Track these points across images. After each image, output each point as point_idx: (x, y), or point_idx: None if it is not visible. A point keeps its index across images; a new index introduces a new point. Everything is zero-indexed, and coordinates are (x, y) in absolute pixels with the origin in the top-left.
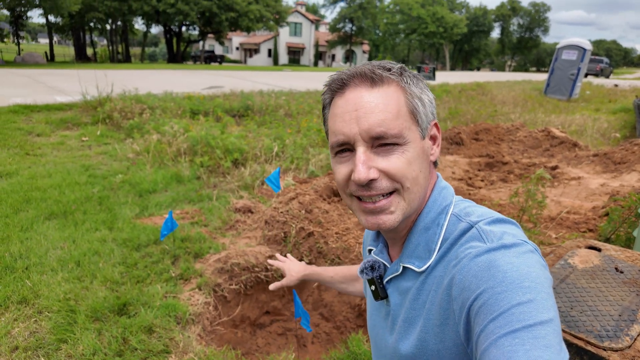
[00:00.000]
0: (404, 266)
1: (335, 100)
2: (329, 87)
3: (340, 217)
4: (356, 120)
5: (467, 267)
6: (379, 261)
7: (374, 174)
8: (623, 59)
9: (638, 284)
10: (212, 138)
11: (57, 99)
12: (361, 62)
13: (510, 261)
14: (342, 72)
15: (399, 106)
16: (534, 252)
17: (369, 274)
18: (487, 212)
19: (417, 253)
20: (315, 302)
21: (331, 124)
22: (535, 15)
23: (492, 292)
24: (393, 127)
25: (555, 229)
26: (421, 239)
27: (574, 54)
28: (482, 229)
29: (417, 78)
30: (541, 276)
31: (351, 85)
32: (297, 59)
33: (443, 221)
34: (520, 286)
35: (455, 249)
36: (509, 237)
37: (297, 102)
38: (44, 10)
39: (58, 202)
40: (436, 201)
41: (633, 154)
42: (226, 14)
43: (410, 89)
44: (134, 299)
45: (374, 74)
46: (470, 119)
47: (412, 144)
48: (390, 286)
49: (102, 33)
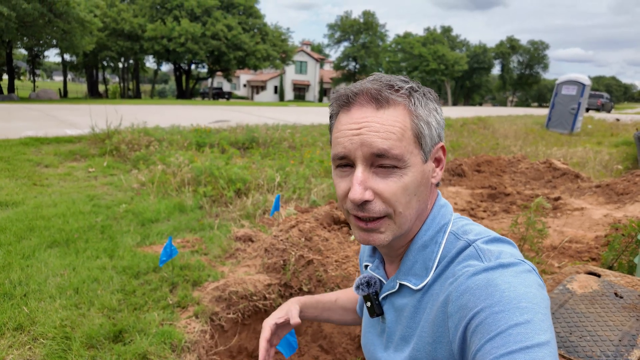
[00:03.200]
0: (400, 283)
1: (340, 115)
2: (335, 101)
3: (340, 245)
4: (359, 137)
5: (464, 285)
6: (375, 277)
7: (369, 196)
8: (624, 94)
9: (638, 309)
10: (216, 168)
11: (67, 132)
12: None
13: (508, 280)
14: (349, 88)
15: (404, 129)
16: (531, 271)
17: (364, 290)
18: (485, 231)
19: (415, 271)
20: (314, 334)
21: (335, 136)
22: (534, 53)
23: (490, 312)
24: (395, 149)
25: (557, 258)
26: (419, 256)
27: (573, 89)
28: (480, 247)
29: (427, 98)
30: (538, 296)
31: (357, 104)
32: (303, 95)
33: (441, 239)
34: (518, 307)
35: (452, 267)
36: (507, 256)
37: (301, 135)
38: (60, 50)
39: (61, 231)
40: (435, 219)
41: (635, 185)
42: (234, 53)
43: (418, 111)
44: (130, 326)
45: (380, 96)
46: (472, 152)
47: (411, 168)
48: (386, 303)
49: (114, 71)
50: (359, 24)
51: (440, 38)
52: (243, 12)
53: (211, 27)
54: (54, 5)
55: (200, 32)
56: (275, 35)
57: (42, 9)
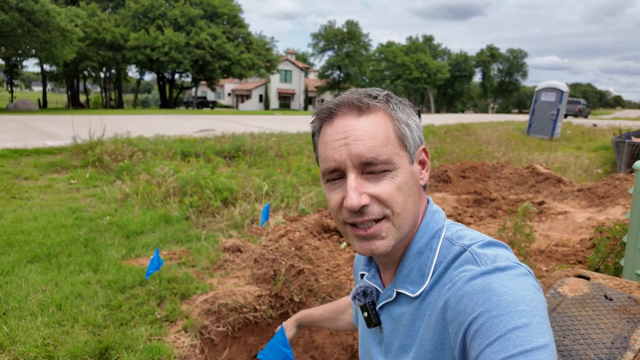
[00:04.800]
0: (397, 291)
1: (324, 129)
2: (317, 116)
3: (331, 253)
4: (346, 147)
5: (462, 290)
6: (371, 286)
7: (366, 200)
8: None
9: (628, 311)
10: (202, 178)
11: (48, 143)
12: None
13: (505, 284)
14: (329, 102)
15: (387, 133)
16: (527, 274)
17: (361, 300)
18: (479, 236)
19: (411, 278)
20: (306, 345)
21: (321, 151)
22: (513, 61)
23: (488, 316)
24: (382, 153)
25: (545, 262)
26: (415, 263)
27: (552, 95)
28: (476, 252)
29: (403, 104)
30: (535, 299)
31: (339, 114)
32: (288, 103)
33: (436, 245)
34: (516, 310)
35: (449, 273)
36: (503, 259)
37: (287, 143)
38: (39, 60)
39: (42, 245)
40: (428, 225)
41: (615, 188)
42: (219, 62)
43: (397, 115)
44: (117, 342)
45: (361, 103)
46: (456, 158)
47: (401, 169)
48: (383, 312)
49: (96, 80)
50: (342, 34)
51: (422, 47)
52: (227, 21)
53: (195, 37)
54: (33, 15)
55: (185, 42)
56: (259, 44)
57: (20, 18)
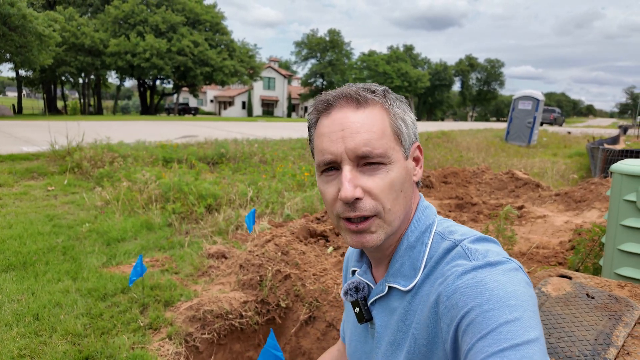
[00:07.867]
0: (389, 286)
1: (321, 120)
2: (314, 108)
3: (318, 258)
4: (342, 139)
5: (453, 285)
6: (363, 282)
7: (359, 193)
8: (573, 109)
9: (609, 308)
10: (185, 184)
11: (24, 149)
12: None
13: (497, 279)
14: (327, 94)
15: (384, 127)
16: (518, 269)
17: (353, 295)
18: (470, 231)
19: (403, 272)
20: (292, 351)
21: (317, 143)
22: (491, 71)
23: (480, 310)
24: (378, 146)
25: (527, 264)
26: (406, 257)
27: (529, 104)
28: (467, 247)
29: (399, 100)
30: (526, 294)
31: (337, 106)
32: (271, 111)
33: (427, 240)
34: (507, 304)
35: (441, 267)
36: (494, 254)
37: (271, 150)
38: (14, 65)
39: (17, 254)
40: (420, 220)
41: (591, 192)
42: (201, 68)
43: (394, 110)
44: (98, 351)
45: (359, 96)
46: (438, 164)
47: (396, 164)
48: (375, 307)
49: (74, 86)
50: (325, 42)
51: (403, 56)
52: (209, 28)
53: (177, 43)
54: (9, 19)
55: (166, 48)
56: (242, 51)
57: None
